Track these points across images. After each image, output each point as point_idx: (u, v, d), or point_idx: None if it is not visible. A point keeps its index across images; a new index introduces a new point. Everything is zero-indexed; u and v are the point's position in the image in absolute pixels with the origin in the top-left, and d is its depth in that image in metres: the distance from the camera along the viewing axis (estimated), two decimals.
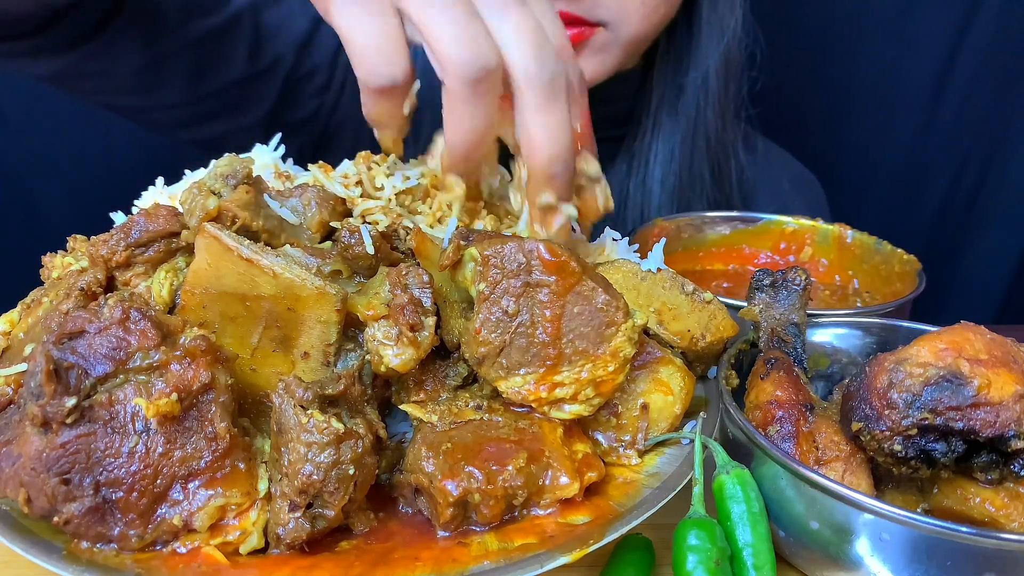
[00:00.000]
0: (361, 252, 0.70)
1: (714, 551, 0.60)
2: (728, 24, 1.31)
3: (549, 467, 0.63)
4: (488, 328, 0.65)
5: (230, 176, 0.72)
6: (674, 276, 0.81)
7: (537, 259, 0.64)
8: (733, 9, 1.31)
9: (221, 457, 0.59)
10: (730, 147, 1.40)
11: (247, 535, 0.59)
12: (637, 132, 1.37)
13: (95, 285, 0.69)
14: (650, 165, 1.36)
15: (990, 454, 0.64)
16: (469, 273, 0.67)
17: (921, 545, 0.59)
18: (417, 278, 0.66)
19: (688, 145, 1.35)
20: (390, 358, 0.64)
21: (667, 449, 0.71)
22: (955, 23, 1.81)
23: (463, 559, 0.58)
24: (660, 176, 1.35)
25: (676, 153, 1.35)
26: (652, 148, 1.36)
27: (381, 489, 0.66)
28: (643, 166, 1.36)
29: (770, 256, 1.22)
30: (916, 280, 1.05)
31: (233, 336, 0.66)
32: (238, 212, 0.68)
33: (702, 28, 1.30)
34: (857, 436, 0.66)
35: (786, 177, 1.54)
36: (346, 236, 0.71)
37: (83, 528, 0.57)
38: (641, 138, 1.37)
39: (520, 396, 0.65)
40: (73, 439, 0.56)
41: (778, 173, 1.53)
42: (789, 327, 0.80)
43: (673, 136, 1.35)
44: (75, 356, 0.58)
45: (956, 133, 1.91)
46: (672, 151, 1.35)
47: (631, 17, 1.17)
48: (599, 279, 0.66)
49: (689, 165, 1.35)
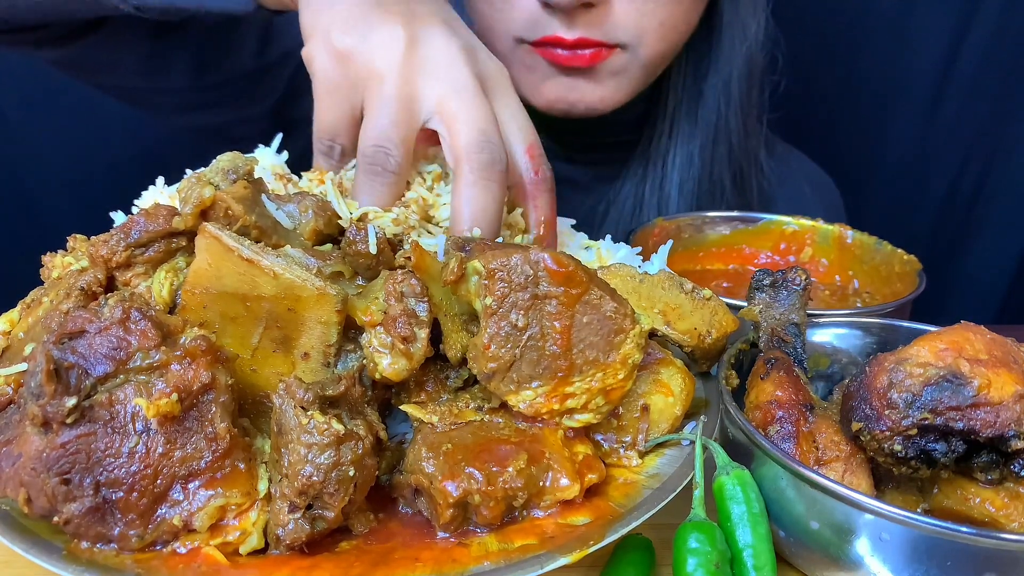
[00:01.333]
0: (364, 251, 0.70)
1: (714, 554, 0.60)
2: (751, 28, 1.29)
3: (549, 468, 0.63)
4: (497, 343, 0.64)
5: (231, 171, 0.72)
6: (672, 276, 0.81)
7: (544, 270, 0.63)
8: (756, 13, 1.29)
9: (221, 457, 0.59)
10: (753, 154, 1.39)
11: (247, 535, 0.59)
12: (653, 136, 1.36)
13: (95, 285, 0.69)
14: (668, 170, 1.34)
15: (990, 454, 0.64)
16: (473, 287, 0.66)
17: (921, 545, 0.59)
18: (412, 288, 0.66)
19: (708, 151, 1.33)
20: (384, 366, 0.64)
21: (667, 450, 0.71)
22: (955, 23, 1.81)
23: (463, 560, 0.58)
24: (679, 181, 1.34)
25: (696, 159, 1.33)
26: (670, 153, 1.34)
27: (381, 490, 0.66)
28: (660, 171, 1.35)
29: (770, 256, 1.22)
30: (916, 280, 1.05)
31: (233, 336, 0.66)
32: (232, 204, 0.68)
33: (723, 32, 1.29)
34: (857, 436, 0.66)
35: (805, 181, 1.52)
36: (352, 232, 0.70)
37: (83, 528, 0.57)
38: (657, 142, 1.35)
39: (532, 409, 0.65)
40: (73, 439, 0.56)
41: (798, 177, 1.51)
42: (789, 327, 0.80)
43: (692, 141, 1.33)
44: (75, 356, 0.58)
45: (956, 133, 1.91)
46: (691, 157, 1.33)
47: (649, 38, 1.16)
48: (605, 287, 0.66)
49: (710, 171, 1.34)
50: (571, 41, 1.11)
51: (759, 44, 1.32)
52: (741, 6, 1.28)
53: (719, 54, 1.30)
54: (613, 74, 1.18)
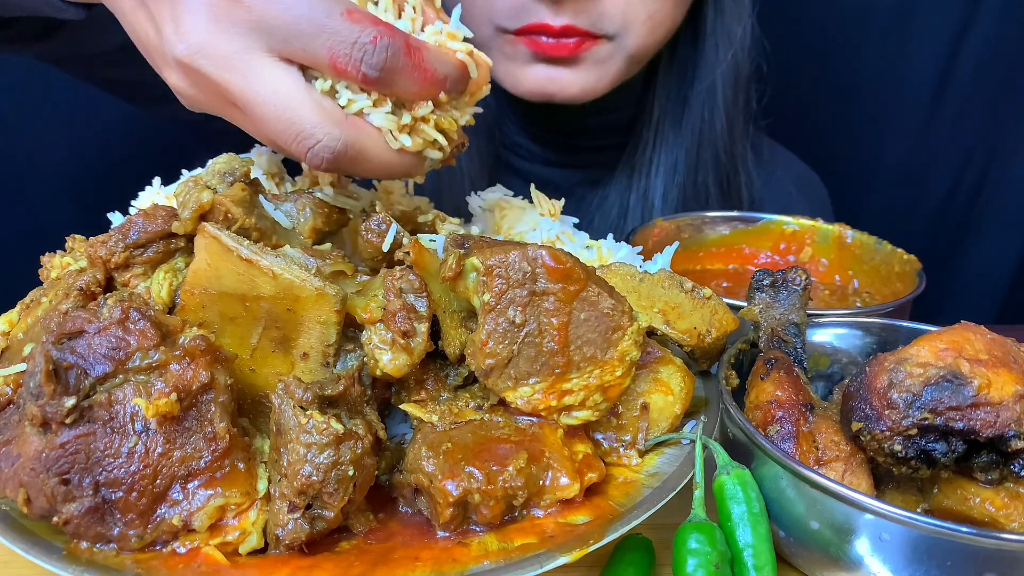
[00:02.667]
0: (378, 244, 0.70)
1: (714, 554, 0.60)
2: (736, 34, 1.28)
3: (549, 468, 0.63)
4: (495, 339, 0.64)
5: (227, 173, 0.72)
6: (671, 275, 0.81)
7: (542, 267, 0.63)
8: (741, 19, 1.28)
9: (220, 457, 0.59)
10: (739, 161, 1.37)
11: (246, 535, 0.59)
12: (638, 144, 1.35)
13: (94, 285, 0.69)
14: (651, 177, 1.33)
15: (990, 454, 0.64)
16: (471, 283, 0.66)
17: (921, 545, 0.59)
18: (410, 284, 0.66)
19: (693, 158, 1.32)
20: (385, 362, 0.64)
21: (667, 449, 0.71)
22: (955, 23, 1.81)
23: (463, 559, 0.58)
24: (663, 189, 1.33)
25: (680, 165, 1.32)
26: (654, 160, 1.33)
27: (381, 489, 0.66)
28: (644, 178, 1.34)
29: (770, 256, 1.22)
30: (916, 280, 1.05)
31: (233, 336, 0.66)
32: (231, 208, 0.68)
33: (707, 39, 1.28)
34: (857, 436, 0.66)
35: (791, 180, 1.51)
36: (375, 222, 0.70)
37: (83, 528, 0.57)
38: (643, 150, 1.34)
39: (530, 406, 0.65)
40: (72, 439, 0.56)
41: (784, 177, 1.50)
42: (789, 327, 0.80)
43: (677, 148, 1.32)
44: (74, 356, 0.57)
45: (956, 133, 1.91)
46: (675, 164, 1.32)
47: (636, 29, 1.15)
48: (603, 284, 0.66)
49: (694, 178, 1.33)
50: (557, 29, 1.10)
51: (745, 50, 1.31)
52: (726, 12, 1.28)
53: (704, 60, 1.29)
54: (596, 63, 1.16)
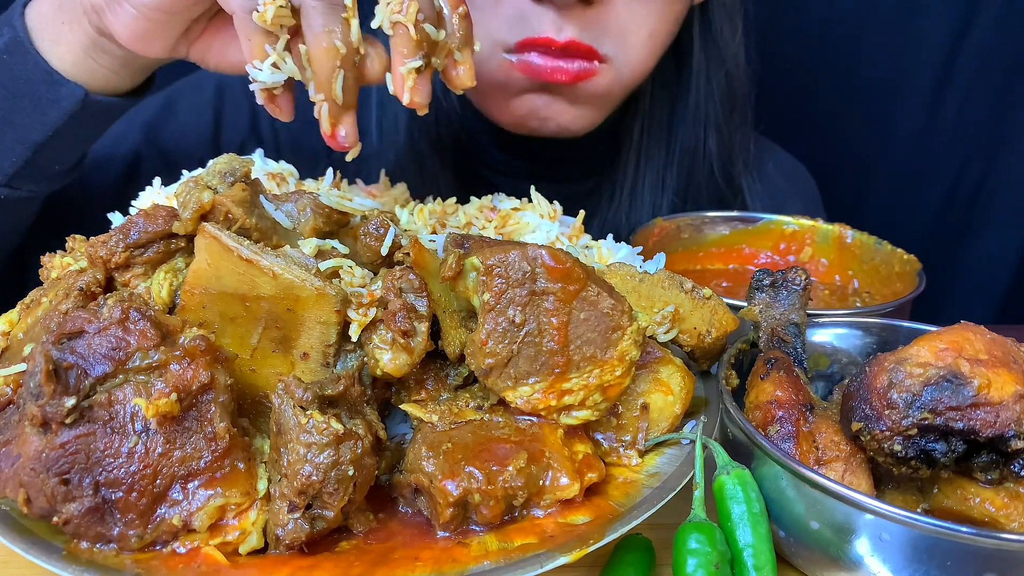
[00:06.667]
0: (376, 247, 0.70)
1: (714, 555, 0.60)
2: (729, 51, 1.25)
3: (549, 468, 0.63)
4: (495, 339, 0.64)
5: (228, 174, 0.72)
6: (671, 276, 0.81)
7: (541, 266, 0.63)
8: (735, 34, 1.25)
9: (220, 457, 0.59)
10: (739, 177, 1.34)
11: (246, 535, 0.59)
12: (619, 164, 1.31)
13: (94, 285, 0.69)
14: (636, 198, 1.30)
15: (990, 454, 0.64)
16: (471, 283, 0.66)
17: (921, 545, 0.59)
18: (410, 283, 0.66)
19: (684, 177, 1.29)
20: (385, 362, 0.64)
21: (667, 449, 0.71)
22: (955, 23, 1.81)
23: (463, 559, 0.58)
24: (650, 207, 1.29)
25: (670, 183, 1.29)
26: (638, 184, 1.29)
27: (381, 489, 0.66)
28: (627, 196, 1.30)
29: (770, 256, 1.22)
30: (916, 280, 1.05)
31: (233, 336, 0.66)
32: (232, 208, 0.68)
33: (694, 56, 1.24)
34: (857, 436, 0.66)
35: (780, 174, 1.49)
36: (373, 226, 0.70)
37: (83, 528, 0.57)
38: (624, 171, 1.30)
39: (529, 405, 0.65)
40: (72, 439, 0.56)
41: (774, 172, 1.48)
42: (789, 327, 0.80)
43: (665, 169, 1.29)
44: (74, 356, 0.57)
45: (956, 133, 1.91)
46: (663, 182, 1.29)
47: (635, 50, 1.10)
48: (603, 283, 0.66)
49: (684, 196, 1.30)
50: (560, 44, 1.04)
51: (740, 67, 1.28)
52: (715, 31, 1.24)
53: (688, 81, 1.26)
54: (591, 96, 1.12)
